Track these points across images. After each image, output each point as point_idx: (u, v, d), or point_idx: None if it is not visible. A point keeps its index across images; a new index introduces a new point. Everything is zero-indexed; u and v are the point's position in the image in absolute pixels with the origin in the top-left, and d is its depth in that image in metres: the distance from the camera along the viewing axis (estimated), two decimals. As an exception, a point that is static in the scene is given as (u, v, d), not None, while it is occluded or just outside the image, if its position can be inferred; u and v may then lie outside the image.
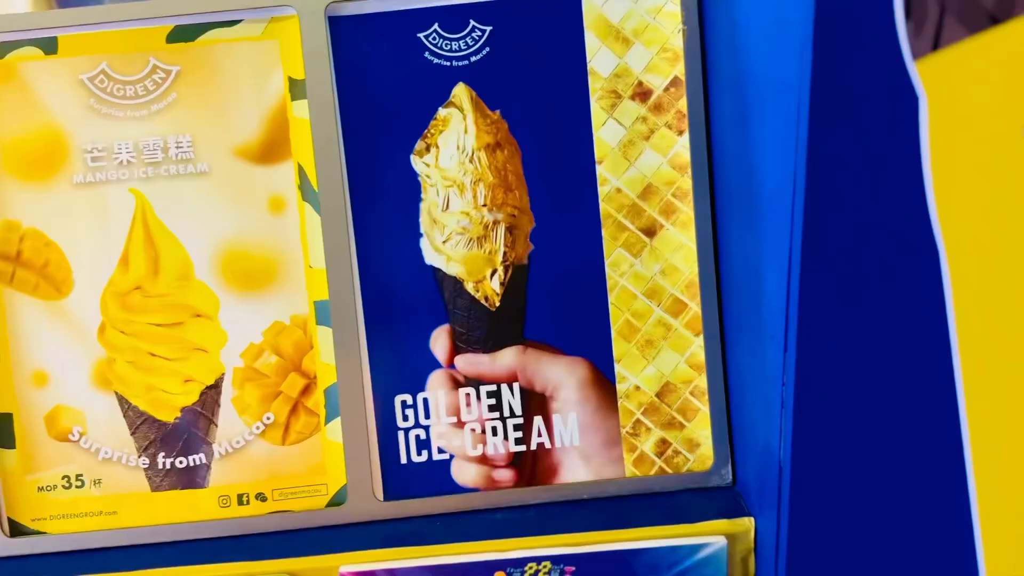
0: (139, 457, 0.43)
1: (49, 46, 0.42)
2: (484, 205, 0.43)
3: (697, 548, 0.39)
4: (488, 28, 0.42)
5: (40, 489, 0.43)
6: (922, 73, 0.29)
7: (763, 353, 0.36)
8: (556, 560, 0.40)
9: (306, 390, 0.43)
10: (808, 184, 0.30)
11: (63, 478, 0.43)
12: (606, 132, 0.43)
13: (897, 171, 0.30)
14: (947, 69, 0.29)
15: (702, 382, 0.43)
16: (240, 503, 0.43)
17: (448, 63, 0.43)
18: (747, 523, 0.40)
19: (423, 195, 0.43)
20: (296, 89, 0.42)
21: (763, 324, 0.36)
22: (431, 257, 0.43)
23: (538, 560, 0.40)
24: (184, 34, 0.42)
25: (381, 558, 0.40)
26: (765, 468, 0.37)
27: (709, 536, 0.40)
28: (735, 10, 0.37)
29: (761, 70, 0.34)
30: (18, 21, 0.42)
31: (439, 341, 0.43)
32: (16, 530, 0.43)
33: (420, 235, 0.43)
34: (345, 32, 0.42)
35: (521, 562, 0.40)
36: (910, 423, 0.34)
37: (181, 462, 0.43)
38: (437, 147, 0.43)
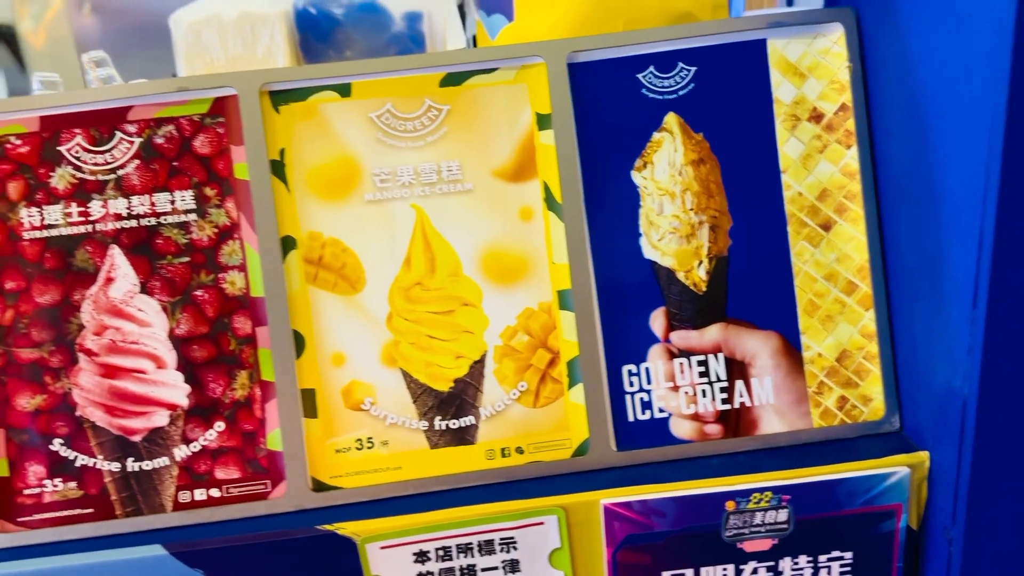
0: (419, 421, 0.53)
1: (344, 90, 0.52)
2: (691, 209, 0.53)
3: (887, 476, 0.49)
4: (693, 68, 0.53)
5: (337, 451, 0.53)
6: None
7: (946, 313, 0.46)
8: (775, 490, 0.49)
9: (551, 363, 0.53)
10: (1002, 183, 0.40)
11: (356, 441, 0.53)
12: (789, 147, 0.53)
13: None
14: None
15: (872, 348, 0.53)
16: (503, 456, 0.53)
17: (661, 96, 0.53)
18: (923, 456, 0.50)
19: (641, 202, 0.53)
20: (542, 122, 0.52)
21: (945, 291, 0.46)
22: (649, 252, 0.53)
23: (760, 491, 0.49)
24: (453, 80, 0.52)
25: (633, 493, 0.50)
26: (944, 407, 0.47)
27: (894, 467, 0.49)
28: (908, 48, 0.47)
29: (944, 94, 0.44)
30: (319, 71, 0.52)
31: (657, 320, 0.53)
32: (319, 486, 0.52)
33: (640, 235, 0.53)
34: (581, 75, 0.52)
35: (747, 492, 0.49)
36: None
37: (454, 423, 0.53)
38: (652, 164, 0.53)
